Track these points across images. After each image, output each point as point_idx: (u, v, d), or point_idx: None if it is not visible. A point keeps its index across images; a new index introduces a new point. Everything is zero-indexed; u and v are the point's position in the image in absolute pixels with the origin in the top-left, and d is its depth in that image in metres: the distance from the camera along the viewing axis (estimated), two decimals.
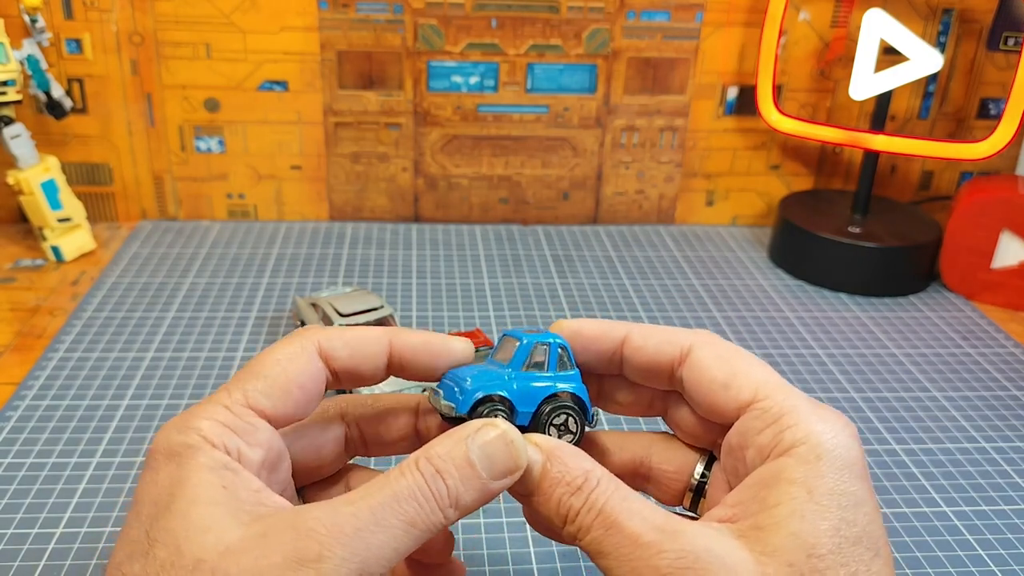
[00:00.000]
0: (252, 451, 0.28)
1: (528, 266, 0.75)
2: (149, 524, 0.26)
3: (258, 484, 0.28)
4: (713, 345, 0.31)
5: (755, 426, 0.28)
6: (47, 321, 0.63)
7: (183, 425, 0.28)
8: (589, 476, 0.28)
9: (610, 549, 0.27)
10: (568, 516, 0.28)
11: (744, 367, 0.30)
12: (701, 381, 0.30)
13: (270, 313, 0.65)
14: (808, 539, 0.25)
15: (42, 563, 0.41)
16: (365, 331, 0.32)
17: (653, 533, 0.26)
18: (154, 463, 0.27)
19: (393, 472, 0.27)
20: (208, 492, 0.26)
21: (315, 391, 0.31)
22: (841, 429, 0.28)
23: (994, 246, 0.71)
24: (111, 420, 0.52)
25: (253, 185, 0.80)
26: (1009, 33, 0.70)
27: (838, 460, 0.27)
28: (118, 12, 0.73)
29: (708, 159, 0.83)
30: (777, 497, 0.26)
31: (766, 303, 0.70)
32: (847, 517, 0.26)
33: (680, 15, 0.77)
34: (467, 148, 0.81)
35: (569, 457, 0.29)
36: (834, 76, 0.81)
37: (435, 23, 0.76)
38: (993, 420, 0.56)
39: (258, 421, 0.29)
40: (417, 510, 0.26)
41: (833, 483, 0.26)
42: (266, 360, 0.30)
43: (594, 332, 0.33)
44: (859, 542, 0.26)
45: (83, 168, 0.78)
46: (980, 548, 0.45)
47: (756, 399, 0.29)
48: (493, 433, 0.28)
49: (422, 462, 0.27)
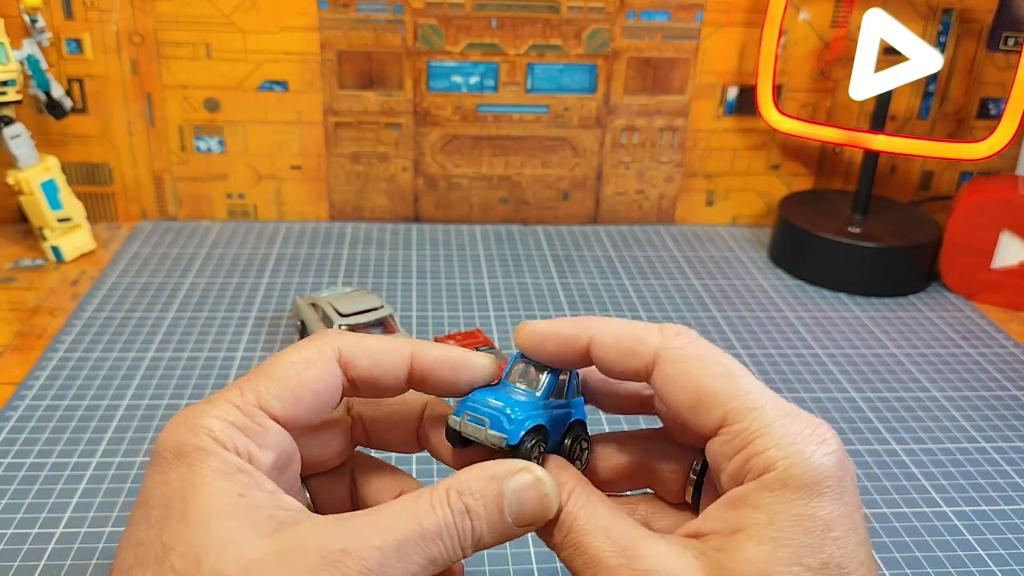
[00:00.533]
0: (263, 454, 0.28)
1: (528, 266, 0.75)
2: (161, 529, 0.25)
3: (272, 486, 0.27)
4: (679, 355, 0.28)
5: (725, 452, 0.27)
6: (47, 321, 0.63)
7: (193, 423, 0.27)
8: (562, 489, 0.28)
9: (579, 568, 0.27)
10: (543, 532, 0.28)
11: (711, 385, 0.28)
12: (668, 401, 0.29)
13: (270, 313, 0.65)
14: (764, 567, 0.25)
15: (42, 563, 0.41)
16: (387, 341, 0.31)
17: (614, 557, 0.26)
18: (163, 462, 0.27)
19: (423, 503, 0.26)
20: (224, 501, 0.25)
21: (329, 399, 0.30)
22: (816, 447, 0.26)
23: (994, 246, 0.71)
24: (111, 420, 0.52)
25: (253, 185, 0.80)
26: (1009, 33, 0.70)
27: (807, 484, 0.26)
28: (118, 12, 0.73)
29: (708, 159, 0.83)
30: (740, 521, 0.26)
31: (766, 303, 0.70)
32: (811, 543, 0.25)
33: (680, 15, 0.77)
34: (467, 148, 0.81)
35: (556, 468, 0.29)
36: (834, 76, 0.81)
37: (435, 23, 0.76)
38: (993, 420, 0.56)
39: (269, 423, 0.28)
40: (441, 550, 0.26)
41: (799, 509, 0.25)
42: (281, 362, 0.29)
43: (557, 343, 0.30)
44: (823, 570, 0.25)
45: (83, 168, 0.78)
46: (980, 548, 0.45)
47: (725, 423, 0.27)
48: (529, 479, 0.28)
49: (453, 497, 0.27)
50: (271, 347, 0.60)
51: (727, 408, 0.27)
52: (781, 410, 0.27)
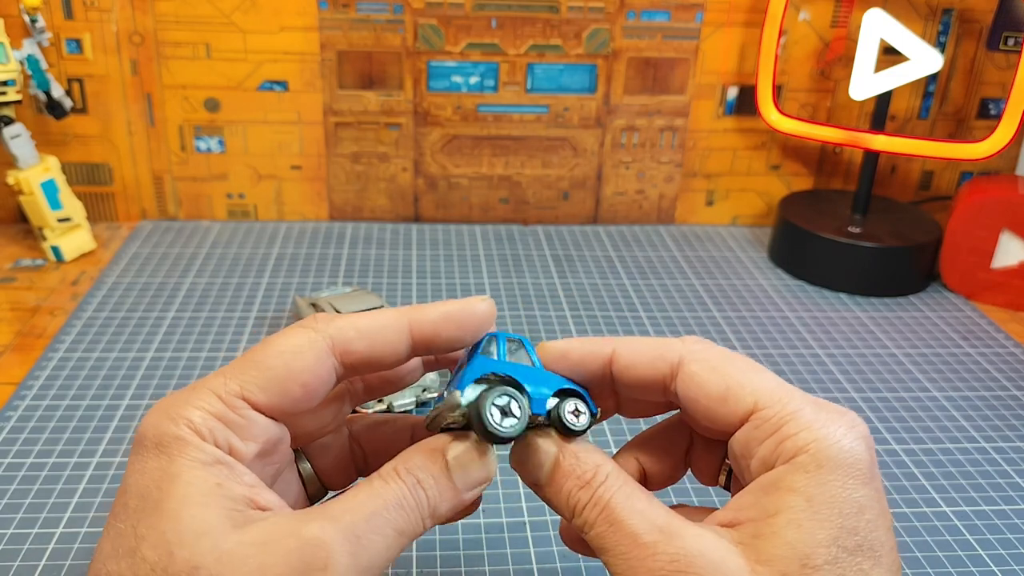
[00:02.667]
0: (245, 445, 0.27)
1: (528, 266, 0.75)
2: (136, 519, 0.25)
3: (252, 479, 0.27)
4: (704, 355, 0.30)
5: (756, 436, 0.28)
6: (47, 321, 0.63)
7: (175, 413, 0.27)
8: (599, 471, 0.28)
9: (611, 546, 0.27)
10: (576, 509, 0.28)
11: (739, 376, 0.29)
12: (697, 397, 0.29)
13: (270, 313, 0.65)
14: (804, 549, 0.25)
15: (42, 563, 0.41)
16: (381, 316, 0.30)
17: (652, 533, 0.26)
18: (142, 451, 0.26)
19: (376, 480, 0.27)
20: (200, 491, 0.25)
21: (319, 390, 0.29)
22: (847, 431, 0.27)
23: (994, 246, 0.71)
24: (111, 420, 0.52)
25: (253, 185, 0.80)
26: (1009, 33, 0.70)
27: (841, 466, 0.26)
28: (118, 12, 0.73)
29: (708, 159, 0.83)
30: (776, 505, 0.26)
31: (766, 303, 0.70)
32: (847, 525, 0.25)
33: (680, 15, 0.77)
34: (467, 148, 0.81)
35: (582, 451, 0.29)
36: (834, 76, 0.81)
37: (435, 23, 0.76)
38: (993, 420, 0.56)
39: (252, 414, 0.28)
40: (405, 519, 0.27)
41: (834, 491, 0.26)
42: (270, 350, 0.28)
43: (580, 354, 0.31)
44: (858, 551, 0.25)
45: (83, 168, 0.78)
46: (980, 548, 0.45)
47: (756, 409, 0.28)
48: (466, 444, 0.28)
49: (402, 472, 0.27)
50: None
51: (757, 395, 0.28)
52: (808, 398, 0.28)
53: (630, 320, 0.66)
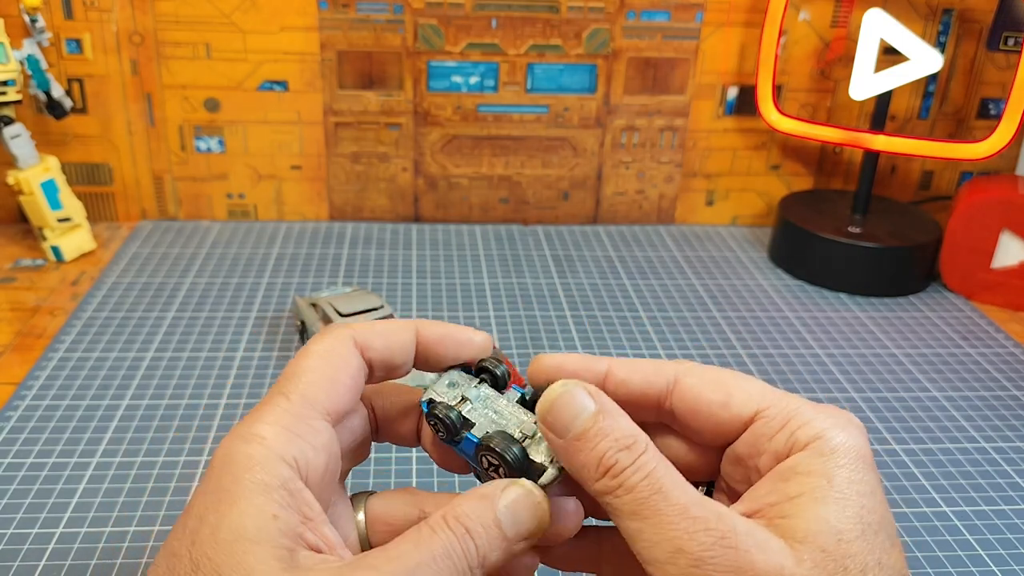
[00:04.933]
0: (317, 456, 0.28)
1: (528, 266, 0.75)
2: (192, 541, 0.25)
3: (312, 511, 0.27)
4: (699, 370, 0.31)
5: (766, 432, 0.29)
6: (47, 321, 0.63)
7: (247, 432, 0.27)
8: (639, 439, 0.28)
9: (650, 514, 0.27)
10: (612, 470, 0.27)
11: (737, 384, 0.30)
12: (698, 406, 0.30)
13: (270, 313, 0.65)
14: (836, 524, 0.26)
15: (42, 563, 0.41)
16: (394, 322, 0.32)
17: (699, 508, 0.26)
18: (210, 470, 0.27)
19: (424, 529, 0.27)
20: (255, 524, 0.25)
21: (357, 385, 0.30)
22: (846, 424, 0.28)
23: (994, 246, 0.71)
24: (111, 420, 0.52)
25: (253, 185, 0.80)
26: (1009, 33, 0.70)
27: (851, 452, 0.27)
28: (118, 12, 0.73)
29: (708, 159, 0.83)
30: (798, 488, 0.27)
31: (766, 303, 0.70)
32: (866, 504, 0.26)
33: (680, 15, 0.77)
34: (467, 148, 0.81)
35: (621, 416, 0.29)
36: (834, 76, 0.81)
37: (435, 23, 0.76)
38: (993, 420, 0.56)
39: (318, 422, 0.28)
40: (452, 569, 0.26)
41: (850, 472, 0.27)
42: (308, 358, 0.30)
43: (574, 369, 0.31)
44: (880, 530, 0.26)
45: (83, 168, 0.78)
46: (980, 548, 0.45)
47: (759, 410, 0.29)
48: (519, 492, 0.28)
49: (451, 521, 0.27)
50: (271, 347, 0.60)
51: (758, 399, 0.29)
52: (804, 400, 0.30)
53: (630, 320, 0.66)
